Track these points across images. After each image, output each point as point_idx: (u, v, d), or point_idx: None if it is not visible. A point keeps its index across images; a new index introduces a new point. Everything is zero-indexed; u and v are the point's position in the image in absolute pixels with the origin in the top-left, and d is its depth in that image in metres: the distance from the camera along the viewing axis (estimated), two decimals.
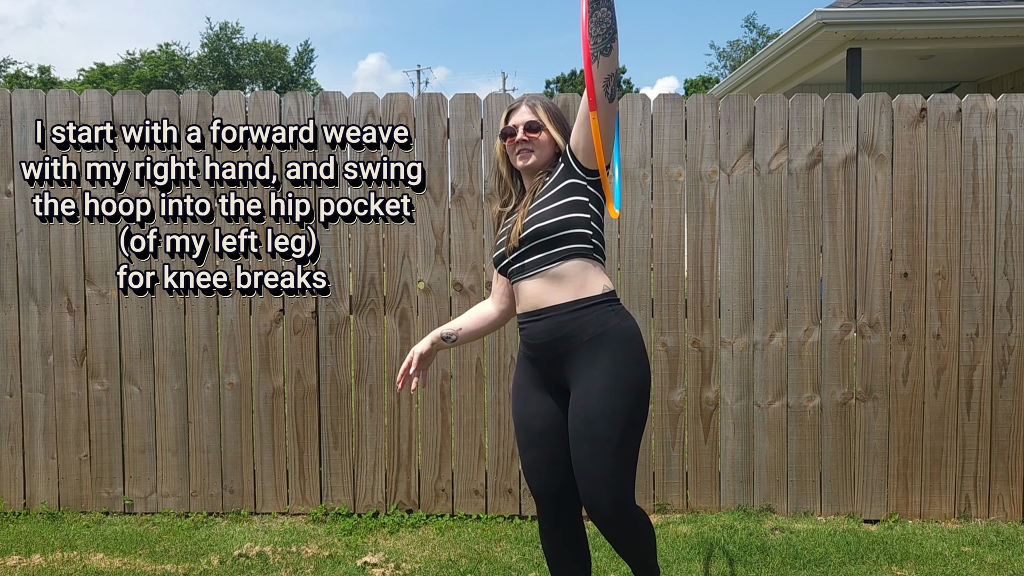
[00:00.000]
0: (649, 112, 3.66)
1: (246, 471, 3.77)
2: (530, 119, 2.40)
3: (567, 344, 2.25)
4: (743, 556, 3.28)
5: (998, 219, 3.62)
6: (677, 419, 3.72)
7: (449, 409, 3.75)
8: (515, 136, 2.40)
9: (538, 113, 2.41)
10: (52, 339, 3.73)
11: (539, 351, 2.32)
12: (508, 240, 2.35)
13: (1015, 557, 3.30)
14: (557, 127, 2.41)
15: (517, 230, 2.30)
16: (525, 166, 2.39)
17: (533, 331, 2.30)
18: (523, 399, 2.41)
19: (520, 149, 2.39)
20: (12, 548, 3.38)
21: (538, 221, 2.26)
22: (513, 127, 2.42)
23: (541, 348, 2.30)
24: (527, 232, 2.27)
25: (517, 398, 2.44)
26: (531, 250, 2.28)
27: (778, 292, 3.67)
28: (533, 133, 2.39)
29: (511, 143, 2.42)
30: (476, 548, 3.40)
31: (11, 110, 3.69)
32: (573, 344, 2.24)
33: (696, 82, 40.80)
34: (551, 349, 2.28)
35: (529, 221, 2.28)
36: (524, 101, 2.46)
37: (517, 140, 2.39)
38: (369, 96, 3.70)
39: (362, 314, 3.71)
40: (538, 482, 2.40)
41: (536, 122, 2.39)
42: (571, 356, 2.26)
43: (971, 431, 3.68)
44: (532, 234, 2.26)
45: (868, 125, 3.64)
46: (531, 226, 2.26)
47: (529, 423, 2.39)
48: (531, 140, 2.39)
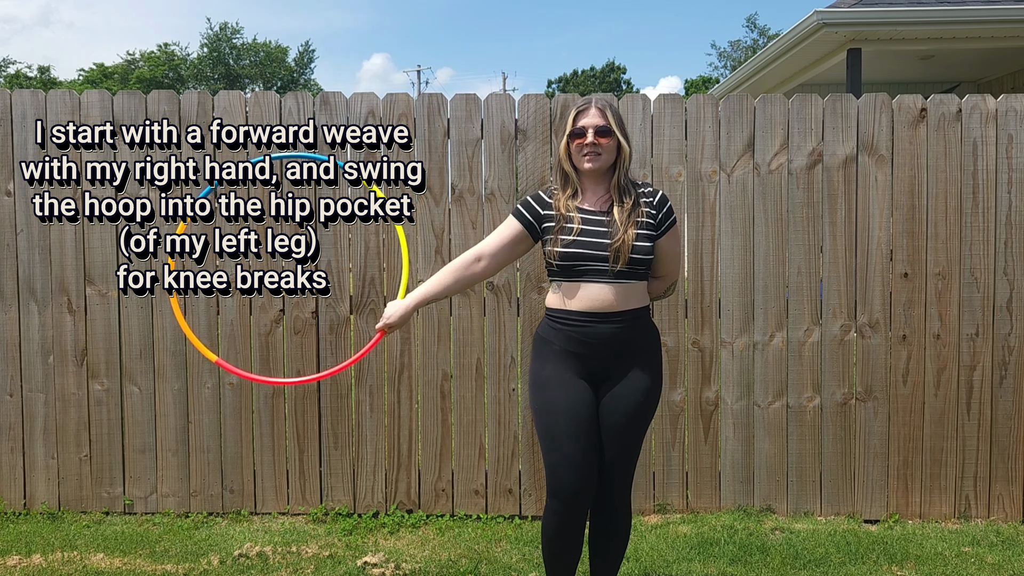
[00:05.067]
0: (649, 112, 3.66)
1: (246, 471, 3.77)
2: (601, 124, 2.48)
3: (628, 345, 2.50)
4: (743, 556, 3.28)
5: (998, 219, 3.62)
6: (677, 419, 3.72)
7: (449, 409, 3.75)
8: (585, 138, 2.47)
9: (608, 118, 2.49)
10: (52, 339, 3.73)
11: (596, 349, 2.47)
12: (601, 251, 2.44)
13: (1015, 557, 3.30)
14: (622, 132, 2.50)
15: (625, 249, 2.42)
16: (593, 168, 2.48)
17: (601, 330, 2.46)
18: (567, 389, 2.47)
19: (588, 152, 2.48)
20: (12, 548, 3.38)
21: (639, 252, 2.46)
22: (583, 128, 2.48)
23: (599, 346, 2.47)
24: (633, 253, 2.44)
25: (558, 388, 2.47)
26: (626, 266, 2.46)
27: (778, 292, 3.67)
28: (603, 138, 2.48)
29: (579, 144, 2.49)
30: (476, 548, 3.40)
31: (11, 110, 3.69)
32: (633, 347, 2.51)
33: (696, 82, 40.81)
34: (613, 347, 2.47)
35: (635, 248, 2.44)
36: (594, 103, 2.52)
37: (587, 143, 2.47)
38: (369, 96, 3.70)
39: (362, 314, 3.71)
40: (583, 476, 2.43)
41: (607, 127, 2.48)
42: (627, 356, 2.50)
43: (971, 431, 3.67)
44: (632, 260, 2.45)
45: (868, 125, 3.64)
46: (635, 253, 2.45)
47: (578, 411, 2.45)
48: (600, 144, 2.47)
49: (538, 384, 2.51)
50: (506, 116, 3.68)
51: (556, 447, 2.44)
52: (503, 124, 3.68)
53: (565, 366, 2.48)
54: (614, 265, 2.43)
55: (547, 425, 2.47)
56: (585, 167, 2.49)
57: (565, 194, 2.53)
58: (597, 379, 2.51)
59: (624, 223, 2.44)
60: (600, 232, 2.46)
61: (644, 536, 3.48)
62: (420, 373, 3.73)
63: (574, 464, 2.42)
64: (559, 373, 2.48)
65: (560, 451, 2.43)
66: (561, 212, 2.50)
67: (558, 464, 2.44)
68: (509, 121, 3.68)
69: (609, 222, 2.47)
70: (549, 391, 2.48)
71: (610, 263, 2.43)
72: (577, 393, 2.46)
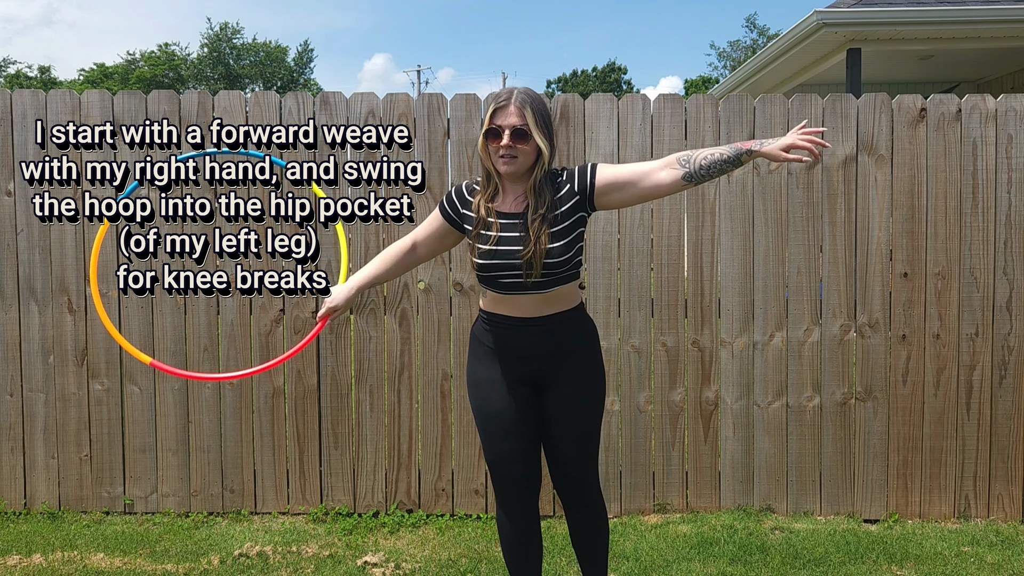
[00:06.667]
0: (649, 112, 3.66)
1: (246, 471, 3.77)
2: (518, 125, 2.29)
3: (561, 346, 2.43)
4: (743, 556, 3.28)
5: (998, 219, 3.63)
6: (677, 419, 3.72)
7: (449, 409, 3.75)
8: (500, 140, 2.30)
9: (527, 117, 2.29)
10: (52, 339, 3.73)
11: (527, 350, 2.42)
12: (515, 260, 2.32)
13: (1015, 557, 3.30)
14: (544, 133, 2.32)
15: (537, 259, 2.29)
16: (508, 172, 2.33)
17: (529, 337, 2.41)
18: (497, 392, 2.45)
19: (504, 155, 2.31)
20: (12, 548, 3.38)
21: (554, 256, 2.32)
22: (498, 128, 2.30)
23: (530, 348, 2.42)
24: (547, 259, 2.31)
25: (491, 389, 2.46)
26: (541, 275, 2.34)
27: (778, 292, 3.67)
28: (520, 142, 2.31)
29: (495, 145, 2.32)
30: (476, 548, 3.40)
31: (11, 110, 3.69)
32: (565, 347, 2.44)
33: (696, 82, 40.80)
34: (545, 350, 2.42)
35: (548, 253, 2.31)
36: (513, 100, 2.32)
37: (502, 145, 2.30)
38: (369, 96, 3.70)
39: (362, 314, 3.71)
40: (517, 470, 2.43)
41: (524, 130, 2.29)
42: (562, 356, 2.43)
43: (971, 431, 3.68)
44: (547, 265, 2.33)
45: (868, 125, 3.64)
46: (549, 258, 2.32)
47: (505, 414, 2.43)
48: (516, 148, 2.30)
49: (474, 384, 2.51)
50: None
51: (492, 446, 2.46)
52: None
53: (499, 366, 2.44)
54: (529, 274, 2.31)
55: (483, 426, 2.48)
56: (501, 169, 2.32)
57: (485, 194, 2.39)
58: (536, 379, 2.46)
59: (536, 231, 2.29)
60: (515, 239, 2.33)
61: (644, 536, 3.48)
62: (420, 373, 3.73)
63: (510, 463, 2.43)
64: (492, 374, 2.45)
65: (496, 450, 2.45)
66: (481, 215, 2.38)
67: (496, 463, 2.46)
68: None
69: (520, 225, 2.34)
70: (483, 392, 2.47)
71: (524, 274, 2.32)
72: (512, 392, 2.44)
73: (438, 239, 2.56)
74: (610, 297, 3.68)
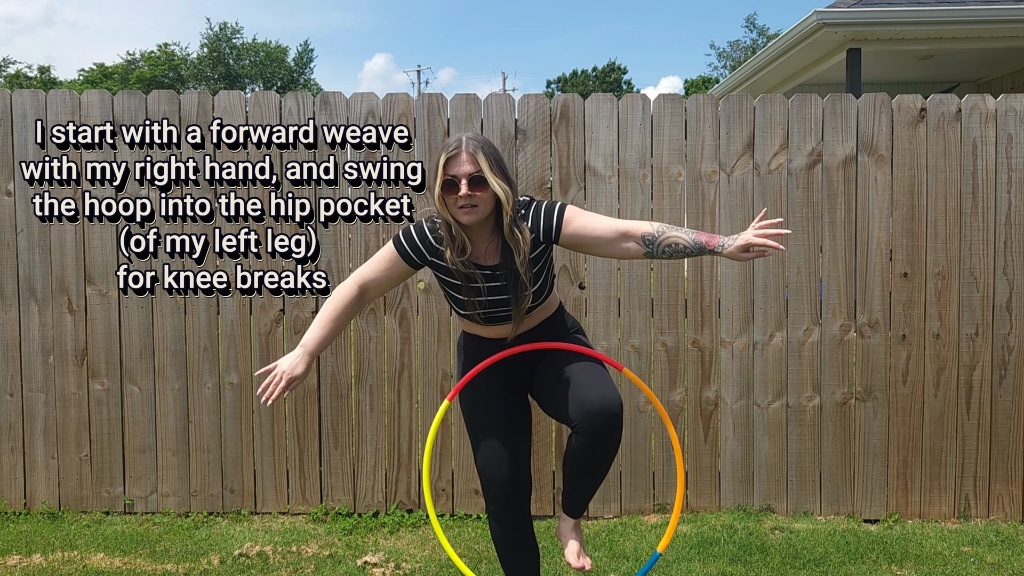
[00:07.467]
0: (649, 112, 3.66)
1: (246, 471, 3.77)
2: (474, 172, 2.22)
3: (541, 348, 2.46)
4: (743, 556, 3.28)
5: (998, 219, 3.63)
6: (677, 419, 3.72)
7: (449, 409, 3.74)
8: (458, 190, 2.22)
9: (480, 163, 2.22)
10: (52, 339, 3.73)
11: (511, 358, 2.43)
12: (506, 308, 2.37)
13: (1015, 557, 3.30)
14: (500, 176, 2.25)
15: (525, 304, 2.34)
16: (469, 222, 2.26)
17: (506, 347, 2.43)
18: (485, 399, 2.47)
19: (463, 204, 2.23)
20: (12, 548, 3.38)
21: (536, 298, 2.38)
22: (454, 179, 2.22)
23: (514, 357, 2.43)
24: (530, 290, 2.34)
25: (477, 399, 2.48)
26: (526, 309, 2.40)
27: (778, 292, 3.68)
28: (478, 189, 2.22)
29: (453, 197, 2.23)
30: (476, 548, 3.40)
31: (11, 110, 3.69)
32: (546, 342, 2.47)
33: (696, 82, 40.79)
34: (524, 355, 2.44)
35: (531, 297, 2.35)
36: (464, 147, 2.24)
37: (460, 196, 2.22)
38: (369, 96, 3.70)
39: (362, 314, 3.71)
40: (508, 476, 2.42)
41: (481, 176, 2.21)
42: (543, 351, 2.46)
43: (971, 431, 3.68)
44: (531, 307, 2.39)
45: (868, 125, 3.64)
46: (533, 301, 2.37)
47: (495, 420, 2.45)
48: (475, 196, 2.23)
49: (462, 392, 2.52)
50: (506, 116, 3.69)
51: (481, 448, 2.46)
52: (503, 124, 3.68)
53: (485, 374, 2.44)
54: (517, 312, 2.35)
55: (473, 432, 2.51)
56: (463, 220, 2.24)
57: (455, 248, 2.28)
58: (522, 377, 2.50)
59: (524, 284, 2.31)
60: (498, 288, 2.32)
61: (644, 536, 3.49)
62: (420, 373, 3.73)
63: (498, 461, 2.42)
64: (479, 381, 2.47)
65: (484, 452, 2.45)
66: (462, 271, 2.29)
67: (484, 464, 2.46)
68: (509, 121, 3.68)
69: (503, 275, 2.30)
70: (471, 399, 2.50)
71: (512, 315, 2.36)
72: (500, 399, 2.46)
73: (395, 279, 2.41)
74: (610, 297, 3.69)
